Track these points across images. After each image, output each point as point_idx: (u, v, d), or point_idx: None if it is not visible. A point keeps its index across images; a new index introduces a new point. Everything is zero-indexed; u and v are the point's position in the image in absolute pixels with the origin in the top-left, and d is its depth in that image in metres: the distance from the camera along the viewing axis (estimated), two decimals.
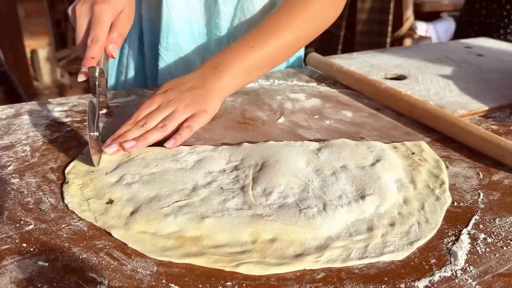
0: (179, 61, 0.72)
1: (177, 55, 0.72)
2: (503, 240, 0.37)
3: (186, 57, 0.72)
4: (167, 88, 0.53)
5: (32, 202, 0.41)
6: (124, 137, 0.48)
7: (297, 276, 0.33)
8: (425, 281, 0.33)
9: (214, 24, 0.71)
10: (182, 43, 0.71)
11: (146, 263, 0.34)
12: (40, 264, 0.33)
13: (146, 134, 0.47)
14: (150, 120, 0.49)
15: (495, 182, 0.46)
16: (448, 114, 0.56)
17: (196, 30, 0.71)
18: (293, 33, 0.60)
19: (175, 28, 0.69)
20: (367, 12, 2.09)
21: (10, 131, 0.54)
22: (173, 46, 0.71)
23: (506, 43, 0.99)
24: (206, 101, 0.51)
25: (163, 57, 0.71)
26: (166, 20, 0.69)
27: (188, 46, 0.72)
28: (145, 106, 0.50)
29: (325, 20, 0.63)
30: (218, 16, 0.70)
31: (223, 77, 0.54)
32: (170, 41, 0.70)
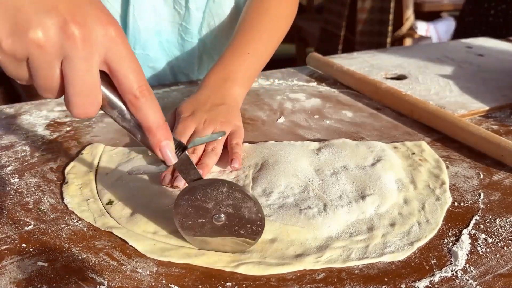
0: (147, 70, 0.71)
1: (145, 65, 0.70)
2: (503, 240, 0.37)
3: (155, 66, 0.71)
4: (190, 110, 0.50)
5: (32, 202, 0.40)
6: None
7: (297, 277, 0.33)
8: (425, 282, 0.33)
9: (184, 30, 0.69)
10: (151, 53, 0.70)
11: (145, 263, 0.34)
12: (40, 264, 0.33)
13: (204, 160, 0.45)
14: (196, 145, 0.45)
15: (496, 182, 0.46)
16: (448, 114, 0.56)
17: (165, 39, 0.70)
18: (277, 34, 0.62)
19: (142, 39, 0.68)
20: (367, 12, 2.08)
21: (9, 131, 0.54)
22: (140, 56, 0.69)
23: (506, 43, 0.99)
24: (235, 116, 0.51)
25: None
26: (132, 31, 0.67)
27: (157, 56, 0.70)
28: (182, 130, 0.47)
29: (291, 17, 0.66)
30: (188, 21, 0.68)
31: (235, 89, 0.55)
32: (138, 52, 0.69)
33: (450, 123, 0.54)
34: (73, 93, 0.30)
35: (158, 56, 0.71)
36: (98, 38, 0.29)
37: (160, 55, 0.71)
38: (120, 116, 0.32)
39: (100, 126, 0.56)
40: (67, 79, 0.30)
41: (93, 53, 0.29)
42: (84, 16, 0.29)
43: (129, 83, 0.31)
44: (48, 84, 0.30)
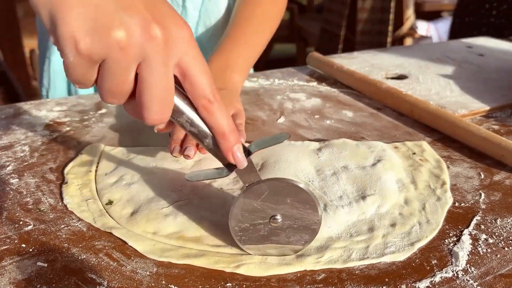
0: None
1: None
2: (504, 241, 0.37)
3: None
4: None
5: (31, 202, 0.40)
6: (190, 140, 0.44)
7: (298, 277, 0.33)
8: (426, 282, 0.33)
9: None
10: None
11: (145, 264, 0.34)
12: (39, 264, 0.33)
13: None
14: None
15: (497, 182, 0.45)
16: (449, 114, 0.56)
17: None
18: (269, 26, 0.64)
19: None
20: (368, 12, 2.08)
21: (9, 131, 0.54)
22: None
23: (507, 43, 0.99)
24: (236, 100, 0.52)
25: None
26: None
27: None
28: None
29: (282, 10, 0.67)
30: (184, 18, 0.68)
31: (235, 76, 0.56)
32: None
33: (451, 123, 0.54)
34: (150, 99, 0.28)
35: None
36: (176, 40, 0.28)
37: None
38: (189, 122, 0.31)
39: (100, 126, 0.56)
40: (145, 83, 0.28)
41: (172, 56, 0.28)
42: (163, 16, 0.27)
43: (203, 87, 0.30)
44: (119, 89, 0.28)
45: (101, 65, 0.27)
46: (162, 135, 0.54)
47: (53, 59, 0.70)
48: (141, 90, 0.28)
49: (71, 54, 0.26)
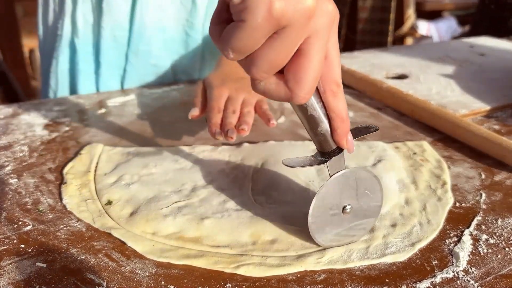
0: (149, 67, 0.71)
1: (146, 61, 0.70)
2: (505, 241, 0.37)
3: (158, 63, 0.71)
4: (220, 80, 0.54)
5: (30, 202, 0.40)
6: (229, 124, 0.47)
7: (298, 278, 0.33)
8: (426, 283, 0.32)
9: (189, 26, 0.70)
10: (154, 50, 0.70)
11: (145, 265, 0.34)
12: (38, 265, 0.33)
13: (244, 119, 0.48)
14: (235, 107, 0.50)
15: (497, 182, 0.45)
16: (449, 114, 0.56)
17: (169, 36, 0.70)
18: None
19: (147, 35, 0.68)
20: (368, 11, 2.08)
21: (8, 131, 0.53)
22: (144, 53, 0.69)
23: (508, 42, 0.98)
24: None
25: (131, 62, 0.69)
26: (138, 27, 0.67)
27: (160, 53, 0.71)
28: (218, 96, 0.51)
29: None
30: (194, 16, 0.69)
31: None
32: (141, 48, 0.69)
33: (452, 123, 0.54)
34: (308, 75, 0.27)
35: (161, 54, 0.71)
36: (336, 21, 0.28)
37: (163, 52, 0.71)
38: (313, 105, 0.31)
39: (99, 126, 0.56)
40: (308, 59, 0.27)
41: (331, 36, 0.28)
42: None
43: (337, 71, 0.30)
44: (280, 60, 0.27)
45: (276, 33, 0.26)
46: (161, 135, 0.54)
47: (61, 59, 0.70)
48: (302, 65, 0.27)
49: (260, 14, 0.25)
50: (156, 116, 0.59)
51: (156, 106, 0.62)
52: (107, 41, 0.68)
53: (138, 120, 0.58)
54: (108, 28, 0.67)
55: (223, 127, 0.46)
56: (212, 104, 0.50)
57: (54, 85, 0.72)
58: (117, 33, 0.68)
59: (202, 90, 0.54)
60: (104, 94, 0.66)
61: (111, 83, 0.71)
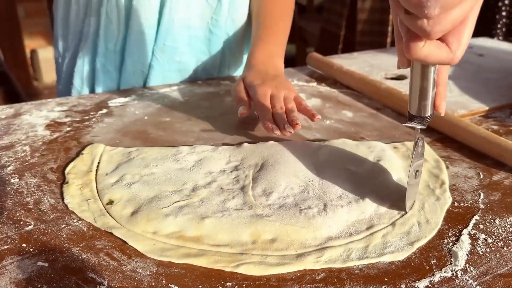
0: (174, 63, 0.73)
1: (171, 57, 0.72)
2: (503, 241, 0.37)
3: (182, 60, 0.73)
4: (259, 79, 0.57)
5: (32, 202, 0.40)
6: (283, 120, 0.51)
7: (297, 277, 0.33)
8: (425, 282, 0.33)
9: (214, 24, 0.72)
10: (180, 47, 0.72)
11: (146, 264, 0.34)
12: (40, 264, 0.33)
13: (293, 115, 0.52)
14: (281, 104, 0.54)
15: (496, 182, 0.46)
16: (448, 114, 0.56)
17: (193, 33, 0.72)
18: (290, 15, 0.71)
19: (174, 32, 0.70)
20: (368, 12, 2.08)
21: (9, 131, 0.54)
22: (169, 48, 0.71)
23: (506, 43, 0.99)
24: (290, 84, 0.60)
25: (157, 58, 0.71)
26: (166, 24, 0.69)
27: (184, 50, 0.72)
28: (264, 94, 0.55)
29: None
30: (219, 14, 0.71)
31: (280, 62, 0.64)
32: (168, 44, 0.71)
33: (450, 123, 0.54)
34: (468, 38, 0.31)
35: (186, 50, 0.73)
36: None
37: (187, 49, 0.73)
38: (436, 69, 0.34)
39: (100, 126, 0.56)
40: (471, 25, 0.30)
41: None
42: None
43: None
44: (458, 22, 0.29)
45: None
46: (162, 135, 0.54)
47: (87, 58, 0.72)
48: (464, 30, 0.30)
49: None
50: (157, 116, 0.59)
51: (156, 106, 0.62)
52: (134, 37, 0.70)
53: (139, 121, 0.58)
54: (136, 25, 0.69)
55: (278, 123, 0.51)
56: (262, 102, 0.54)
57: (79, 85, 0.73)
58: (146, 30, 0.69)
59: (244, 89, 0.57)
60: (105, 95, 0.66)
61: (133, 80, 0.73)
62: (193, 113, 0.61)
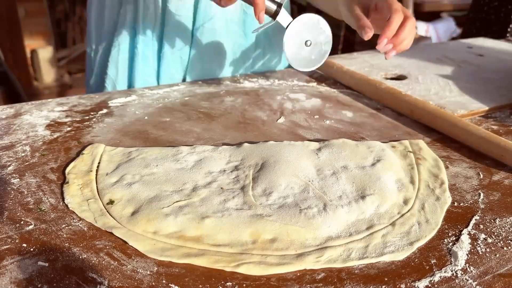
0: (211, 46, 0.73)
1: (210, 40, 0.73)
2: (503, 240, 0.37)
3: (219, 43, 0.74)
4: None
5: (32, 202, 0.41)
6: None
7: (297, 277, 0.33)
8: (425, 282, 0.33)
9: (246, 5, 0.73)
10: (217, 28, 0.72)
11: (146, 263, 0.34)
12: (40, 264, 0.33)
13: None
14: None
15: (496, 182, 0.46)
16: (448, 114, 0.56)
17: (229, 17, 0.73)
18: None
19: (212, 13, 0.71)
20: None
21: (10, 131, 0.54)
22: (208, 30, 0.72)
23: (506, 43, 0.99)
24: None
25: (198, 42, 0.72)
26: (204, 8, 0.70)
27: (221, 32, 0.73)
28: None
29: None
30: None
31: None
32: (206, 26, 0.71)
33: (450, 123, 0.54)
34: None
35: (222, 32, 0.73)
36: None
37: (224, 31, 0.73)
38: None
39: (101, 126, 0.56)
40: None
41: None
42: None
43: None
44: None
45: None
46: (162, 135, 0.54)
47: (123, 47, 0.72)
48: None
49: None
50: (157, 116, 0.59)
51: (157, 106, 0.63)
52: (172, 22, 0.70)
53: (139, 120, 0.58)
54: (173, 9, 0.69)
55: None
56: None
57: (113, 75, 0.74)
58: (183, 13, 0.70)
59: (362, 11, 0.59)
60: (106, 95, 0.66)
61: (173, 68, 0.73)
62: (193, 113, 0.61)
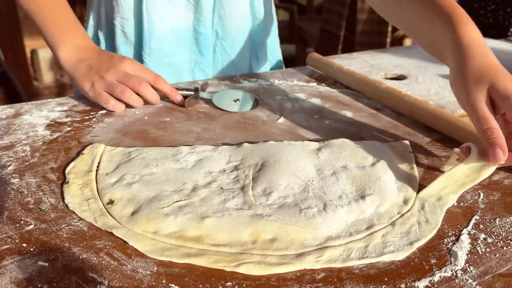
0: (164, 66, 0.73)
1: (161, 60, 0.72)
2: (503, 240, 0.37)
3: (172, 62, 0.73)
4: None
5: (32, 202, 0.41)
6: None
7: (297, 276, 0.33)
8: (425, 281, 0.33)
9: (197, 22, 0.72)
10: (167, 47, 0.72)
11: (146, 263, 0.34)
12: (40, 264, 0.33)
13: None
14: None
15: (495, 182, 0.46)
16: (448, 114, 0.56)
17: (180, 33, 0.72)
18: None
19: (157, 33, 0.70)
20: (367, 12, 2.08)
21: (10, 131, 0.54)
22: (156, 51, 0.71)
23: (506, 43, 0.99)
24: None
25: (147, 63, 0.71)
26: (147, 26, 0.69)
27: (173, 50, 0.72)
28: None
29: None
30: (200, 12, 0.71)
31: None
32: (153, 46, 0.70)
33: (450, 123, 0.54)
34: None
35: (174, 51, 0.72)
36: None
37: (175, 49, 0.72)
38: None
39: (101, 126, 0.56)
40: None
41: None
42: None
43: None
44: None
45: None
46: (162, 135, 0.54)
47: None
48: None
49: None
50: (157, 116, 0.59)
51: (157, 106, 0.63)
52: (120, 37, 0.70)
53: (139, 120, 0.58)
54: (118, 25, 0.69)
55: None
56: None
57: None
58: (127, 29, 0.70)
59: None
60: None
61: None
62: (193, 113, 0.61)
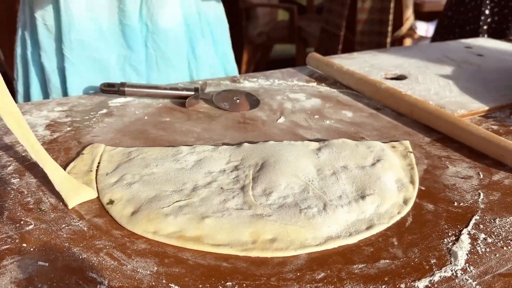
0: (89, 61, 0.67)
1: (83, 54, 0.66)
2: (503, 240, 0.37)
3: (99, 57, 0.68)
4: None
5: (32, 202, 0.41)
6: None
7: (297, 276, 0.33)
8: (425, 281, 0.33)
9: (122, 13, 0.66)
10: (91, 40, 0.66)
11: (146, 263, 0.34)
12: (40, 264, 0.33)
13: None
14: None
15: (496, 182, 0.46)
16: (448, 114, 0.56)
17: (105, 27, 0.67)
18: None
19: (76, 23, 0.65)
20: (367, 12, 2.08)
21: (10, 131, 0.54)
22: (77, 43, 0.65)
23: (506, 43, 0.99)
24: None
25: (69, 58, 0.65)
26: (66, 17, 0.64)
27: (96, 44, 0.67)
28: None
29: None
30: (124, 2, 0.66)
31: None
32: (73, 38, 0.65)
33: (450, 123, 0.54)
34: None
35: (98, 44, 0.67)
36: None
37: (99, 43, 0.67)
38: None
39: (101, 126, 0.56)
40: None
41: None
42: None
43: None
44: None
45: None
46: (162, 135, 0.54)
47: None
48: None
49: None
50: (157, 116, 0.59)
51: (157, 106, 0.63)
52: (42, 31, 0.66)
53: (139, 120, 0.58)
54: (40, 18, 0.66)
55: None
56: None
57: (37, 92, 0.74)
58: (48, 22, 0.65)
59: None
60: (106, 95, 0.66)
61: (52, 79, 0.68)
62: (193, 113, 0.61)
